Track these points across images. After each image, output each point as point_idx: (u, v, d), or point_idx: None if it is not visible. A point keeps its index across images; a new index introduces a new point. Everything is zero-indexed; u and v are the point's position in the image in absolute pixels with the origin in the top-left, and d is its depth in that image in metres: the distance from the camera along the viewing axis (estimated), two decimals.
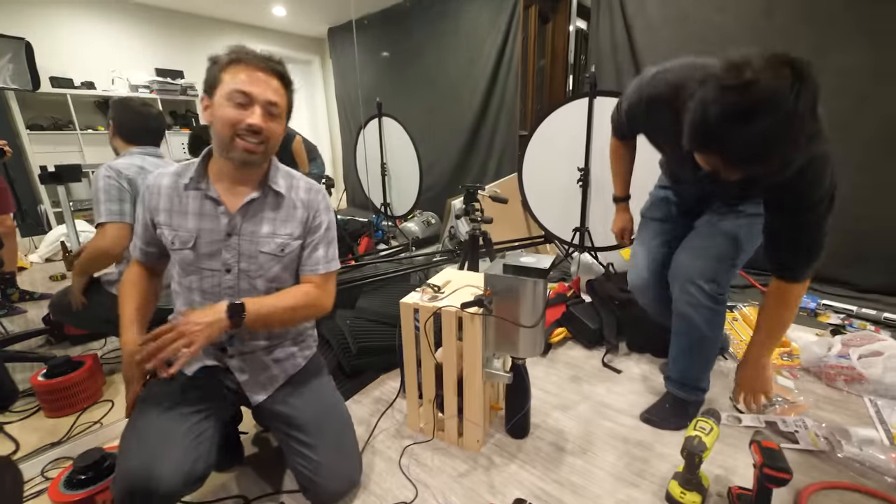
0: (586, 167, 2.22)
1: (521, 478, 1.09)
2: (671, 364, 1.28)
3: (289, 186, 0.99)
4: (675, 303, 1.20)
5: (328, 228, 1.04)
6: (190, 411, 0.90)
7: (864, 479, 1.04)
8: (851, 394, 1.38)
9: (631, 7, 2.57)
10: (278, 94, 0.90)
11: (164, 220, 0.94)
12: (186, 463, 0.83)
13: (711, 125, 0.74)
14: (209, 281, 0.95)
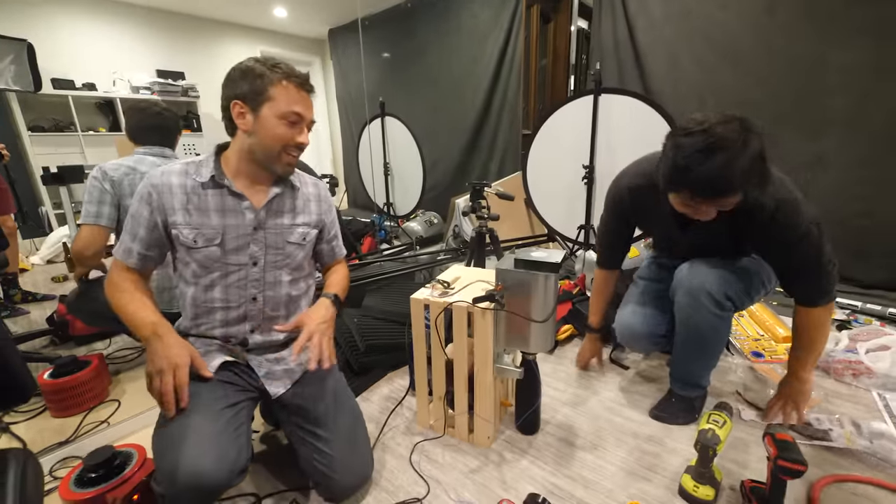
0: (591, 164, 2.22)
1: (532, 473, 1.09)
2: (674, 364, 1.29)
3: (299, 181, 1.07)
4: (681, 309, 1.18)
5: (337, 218, 1.18)
6: (222, 407, 0.90)
7: (876, 471, 1.04)
8: (860, 388, 1.38)
9: (633, 5, 2.58)
10: (313, 112, 0.99)
11: (181, 219, 0.92)
12: (231, 455, 0.84)
13: (680, 163, 0.91)
14: (235, 275, 0.97)
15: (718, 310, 1.12)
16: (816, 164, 2.09)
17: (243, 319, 1.01)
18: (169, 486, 0.80)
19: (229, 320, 1.00)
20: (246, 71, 0.90)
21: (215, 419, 0.87)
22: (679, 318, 1.20)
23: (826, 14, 2.01)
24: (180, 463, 0.79)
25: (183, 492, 0.79)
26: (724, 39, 2.30)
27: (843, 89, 2.02)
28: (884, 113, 1.95)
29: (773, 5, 2.14)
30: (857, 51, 1.97)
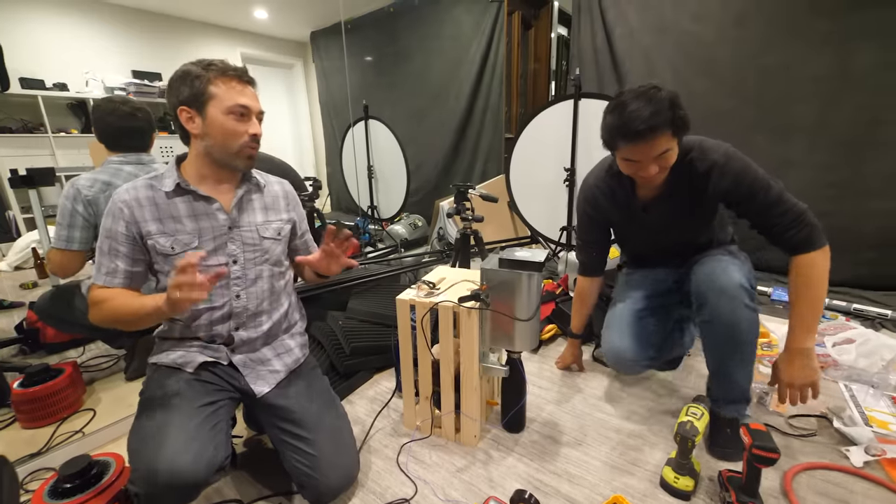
0: (572, 167, 2.27)
1: (518, 470, 1.10)
2: (716, 383, 1.15)
3: (264, 180, 1.09)
4: (716, 312, 1.08)
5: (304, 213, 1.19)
6: (199, 405, 0.90)
7: (849, 455, 1.09)
8: (828, 380, 1.44)
9: (611, 14, 2.66)
10: (259, 102, 0.98)
11: (155, 229, 0.93)
12: (208, 452, 0.83)
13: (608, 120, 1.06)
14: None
15: (753, 302, 1.07)
16: (785, 167, 2.18)
17: (228, 318, 1.00)
18: (145, 485, 0.78)
19: (214, 320, 0.99)
20: (183, 76, 0.91)
21: (192, 416, 0.87)
22: (714, 323, 1.09)
23: (791, 29, 2.11)
24: (156, 460, 0.78)
25: (160, 490, 0.78)
26: (697, 49, 2.39)
27: (809, 97, 2.12)
28: (844, 121, 2.06)
29: (743, 18, 2.23)
30: (821, 61, 2.07)
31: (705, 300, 1.10)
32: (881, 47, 1.93)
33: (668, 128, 0.99)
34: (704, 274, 1.13)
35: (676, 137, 1.03)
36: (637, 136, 1.00)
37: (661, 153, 1.03)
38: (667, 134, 1.00)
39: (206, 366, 0.98)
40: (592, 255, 1.42)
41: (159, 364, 0.98)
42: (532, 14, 3.64)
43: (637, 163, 1.06)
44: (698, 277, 1.14)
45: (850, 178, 2.09)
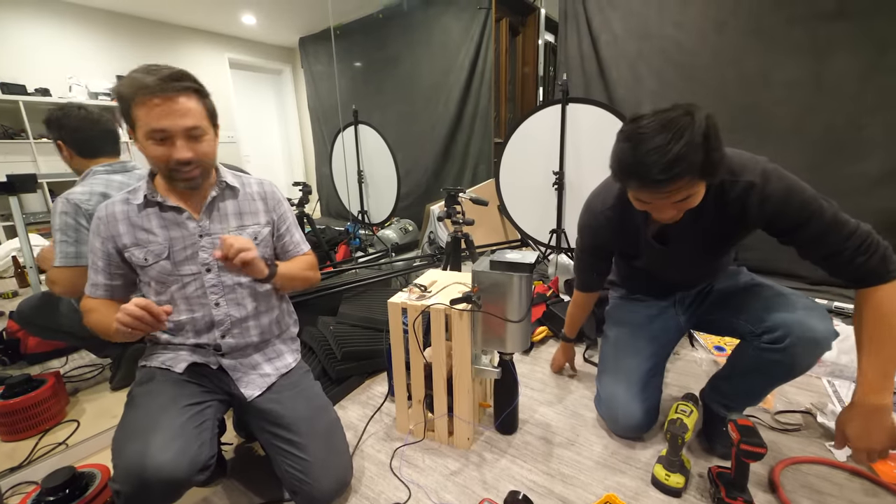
0: (561, 170, 2.30)
1: (512, 472, 1.11)
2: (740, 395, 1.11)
3: (240, 183, 1.05)
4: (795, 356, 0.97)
5: (290, 213, 1.14)
6: (186, 404, 0.90)
7: (832, 449, 1.12)
8: (811, 376, 1.48)
9: (596, 21, 2.71)
10: (193, 114, 0.87)
11: (129, 241, 0.94)
12: (192, 449, 0.82)
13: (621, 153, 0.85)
14: (192, 286, 0.97)
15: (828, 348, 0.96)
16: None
17: (212, 326, 0.99)
18: (126, 482, 0.77)
19: (199, 330, 0.99)
20: (118, 95, 0.86)
21: (177, 415, 0.87)
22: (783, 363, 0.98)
23: (770, 34, 2.18)
24: (138, 457, 0.78)
25: (141, 486, 0.77)
26: (679, 55, 2.45)
27: (786, 102, 2.19)
28: (823, 124, 2.13)
29: (722, 26, 2.30)
30: (797, 67, 2.14)
31: (789, 344, 0.96)
32: (852, 56, 2.00)
33: (695, 174, 0.81)
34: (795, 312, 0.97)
35: (703, 179, 0.84)
36: (654, 184, 0.82)
37: (683, 199, 0.86)
38: (693, 181, 0.82)
39: (196, 367, 0.98)
40: (592, 276, 1.33)
41: (148, 366, 0.98)
42: (519, 21, 3.70)
43: (650, 204, 0.91)
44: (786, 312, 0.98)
45: (827, 179, 2.16)
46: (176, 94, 0.84)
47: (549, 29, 3.62)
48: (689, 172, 0.80)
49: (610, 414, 1.22)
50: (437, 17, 3.61)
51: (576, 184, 2.31)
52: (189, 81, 0.87)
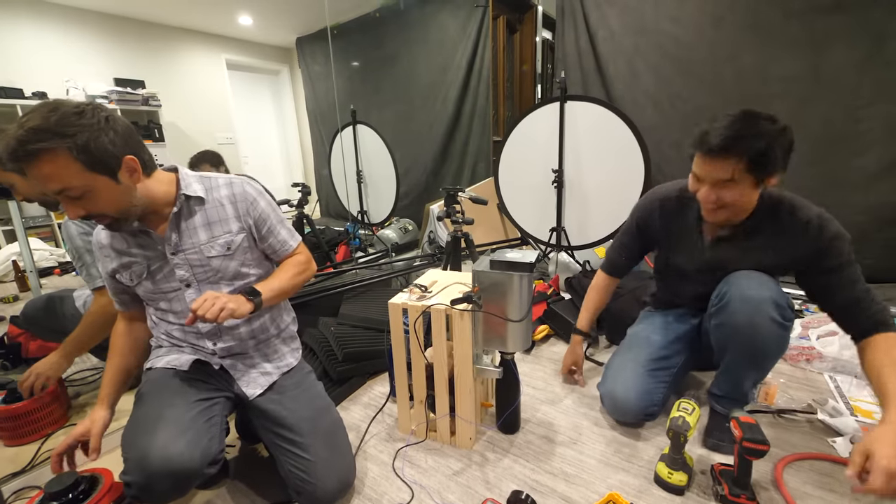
0: (560, 168, 2.30)
1: (514, 471, 1.11)
2: (721, 381, 1.15)
3: (207, 188, 0.98)
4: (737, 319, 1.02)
5: (273, 209, 1.05)
6: (195, 399, 0.92)
7: (835, 445, 1.12)
8: (813, 372, 1.48)
9: (593, 17, 2.70)
10: (58, 177, 0.75)
11: (116, 265, 0.97)
12: (202, 441, 0.85)
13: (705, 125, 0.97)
14: (177, 301, 0.99)
15: (784, 319, 0.99)
16: None
17: (201, 336, 1.01)
18: (138, 474, 0.79)
19: (190, 341, 1.02)
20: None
21: (187, 409, 0.89)
22: (734, 330, 1.03)
23: (767, 28, 2.18)
24: (150, 448, 0.79)
25: (153, 478, 0.78)
26: (677, 50, 2.44)
27: (783, 96, 2.18)
28: (820, 118, 2.12)
29: (719, 20, 2.29)
30: (794, 61, 2.14)
31: (725, 303, 1.04)
32: (849, 49, 2.00)
33: (743, 156, 0.90)
34: (733, 279, 1.05)
35: (752, 175, 0.93)
36: (708, 149, 0.93)
37: (725, 180, 0.94)
38: (740, 162, 0.91)
39: (200, 365, 0.99)
40: (622, 259, 1.36)
41: (154, 367, 1.00)
42: (517, 18, 3.69)
43: (700, 182, 1.01)
44: (729, 282, 1.06)
45: (829, 173, 2.16)
46: (32, 160, 0.73)
47: (546, 26, 3.61)
48: (743, 154, 0.91)
49: (611, 392, 1.23)
50: (434, 14, 3.60)
51: (575, 181, 2.31)
52: (43, 140, 0.72)
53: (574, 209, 2.34)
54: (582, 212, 2.33)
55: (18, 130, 0.72)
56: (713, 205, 1.01)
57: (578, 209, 2.33)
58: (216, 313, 0.82)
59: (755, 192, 1.00)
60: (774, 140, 0.90)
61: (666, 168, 2.49)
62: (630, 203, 1.43)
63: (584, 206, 2.31)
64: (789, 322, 1.01)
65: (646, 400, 1.18)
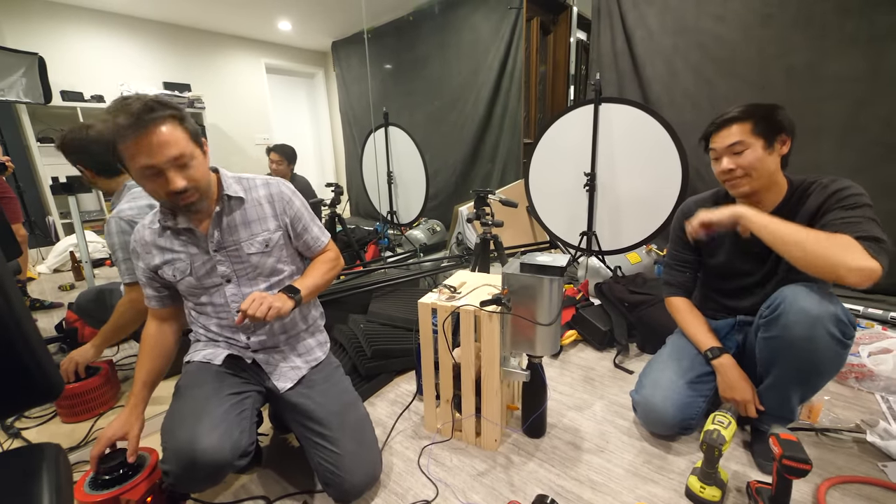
0: (592, 172, 2.26)
1: (539, 476, 1.10)
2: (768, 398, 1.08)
3: (245, 189, 1.04)
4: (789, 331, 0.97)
5: (305, 208, 1.12)
6: (228, 393, 0.97)
7: (885, 470, 1.05)
8: (862, 391, 1.39)
9: (630, 18, 2.64)
10: (176, 143, 0.85)
11: (159, 262, 1.01)
12: (234, 434, 0.89)
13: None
14: (216, 296, 1.04)
15: (845, 337, 0.93)
16: (815, 170, 2.11)
17: (237, 330, 1.06)
18: (175, 463, 0.85)
19: (226, 335, 1.07)
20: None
21: (220, 403, 0.94)
22: (788, 343, 0.97)
23: (819, 26, 2.06)
24: (185, 440, 0.85)
25: (188, 469, 0.84)
26: (720, 50, 2.35)
27: (836, 97, 2.06)
28: (877, 120, 1.99)
29: (769, 18, 2.19)
30: (849, 60, 2.01)
31: (779, 315, 0.98)
32: None
33: (746, 119, 1.04)
34: (788, 290, 0.99)
35: (761, 138, 1.04)
36: (715, 124, 1.10)
37: (735, 144, 1.06)
38: (745, 125, 1.05)
39: (233, 360, 1.05)
40: (686, 274, 1.31)
41: (192, 360, 1.06)
42: (551, 20, 3.65)
43: (717, 160, 1.11)
44: (780, 293, 1.01)
45: (881, 181, 2.01)
46: (153, 126, 0.82)
47: (581, 27, 3.55)
48: (747, 117, 1.05)
49: (647, 401, 1.18)
50: (466, 17, 3.61)
51: (608, 186, 2.26)
52: (163, 109, 0.84)
53: (606, 214, 2.29)
54: (614, 216, 2.27)
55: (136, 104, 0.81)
56: (732, 175, 1.09)
57: (610, 214, 2.28)
58: (265, 312, 0.91)
59: (770, 157, 1.06)
60: (774, 107, 1.05)
61: (706, 173, 2.39)
62: (666, 208, 1.39)
63: (616, 210, 2.26)
64: (850, 340, 0.94)
65: (685, 413, 1.14)
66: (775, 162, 1.08)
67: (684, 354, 1.24)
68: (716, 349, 1.18)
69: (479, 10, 3.51)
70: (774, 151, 1.06)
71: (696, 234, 1.08)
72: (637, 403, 1.24)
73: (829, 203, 1.01)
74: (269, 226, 1.04)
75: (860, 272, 0.86)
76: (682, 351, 1.25)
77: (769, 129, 1.04)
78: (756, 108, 1.06)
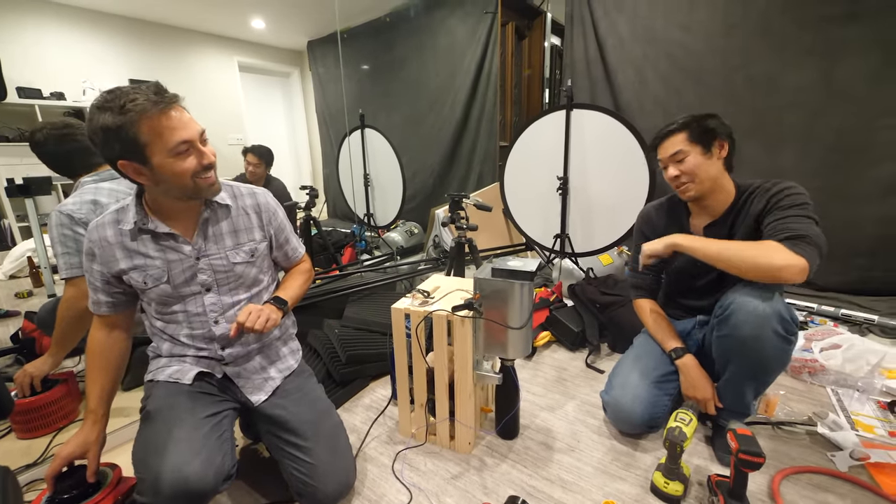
0: (565, 176, 2.31)
1: (512, 477, 1.12)
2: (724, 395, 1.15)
3: (232, 196, 1.03)
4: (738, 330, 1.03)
5: (287, 220, 1.15)
6: (204, 416, 0.93)
7: (834, 459, 1.12)
8: (815, 384, 1.47)
9: (602, 25, 2.71)
10: (194, 119, 0.88)
11: (126, 266, 0.94)
12: (216, 460, 0.86)
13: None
14: (192, 305, 0.99)
15: (788, 334, 1.00)
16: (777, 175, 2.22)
17: (211, 340, 1.02)
18: (154, 495, 0.80)
19: (196, 339, 1.01)
20: (106, 129, 0.79)
21: (198, 426, 0.89)
22: (738, 342, 1.04)
23: (779, 39, 2.16)
24: (165, 469, 0.80)
25: (170, 499, 0.79)
26: (687, 59, 2.44)
27: (795, 107, 2.17)
28: (830, 130, 2.11)
29: (731, 29, 2.29)
30: (806, 71, 2.12)
31: (729, 314, 1.04)
32: (863, 59, 1.98)
33: (683, 129, 1.15)
34: (738, 291, 1.05)
35: (698, 144, 1.14)
36: (657, 137, 1.22)
37: (676, 153, 1.16)
38: (680, 135, 1.15)
39: (203, 377, 1.00)
40: (650, 277, 1.37)
41: (156, 380, 1.00)
42: (525, 25, 3.70)
43: (665, 169, 1.20)
44: (730, 294, 1.07)
45: (840, 185, 2.13)
46: (175, 104, 0.84)
47: (555, 32, 3.62)
48: (682, 128, 1.16)
49: (616, 401, 1.22)
50: (443, 20, 3.63)
51: (580, 189, 2.31)
52: (172, 92, 0.86)
53: (578, 217, 2.35)
54: (586, 219, 2.33)
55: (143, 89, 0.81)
56: (678, 181, 1.18)
57: (583, 217, 2.34)
58: (263, 324, 0.92)
59: (709, 161, 1.15)
60: (707, 116, 1.15)
61: None
62: (635, 211, 1.44)
63: (588, 213, 2.32)
64: (793, 336, 1.02)
65: (651, 411, 1.19)
66: (717, 166, 1.16)
67: (650, 354, 1.29)
68: (679, 349, 1.23)
69: (455, 14, 3.53)
70: (713, 156, 1.15)
71: (648, 262, 1.20)
72: (607, 404, 1.28)
73: (770, 205, 1.09)
74: (256, 236, 1.05)
75: (789, 269, 0.95)
76: (649, 351, 1.30)
77: (704, 135, 1.14)
78: (691, 118, 1.16)
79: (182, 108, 0.87)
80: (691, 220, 1.28)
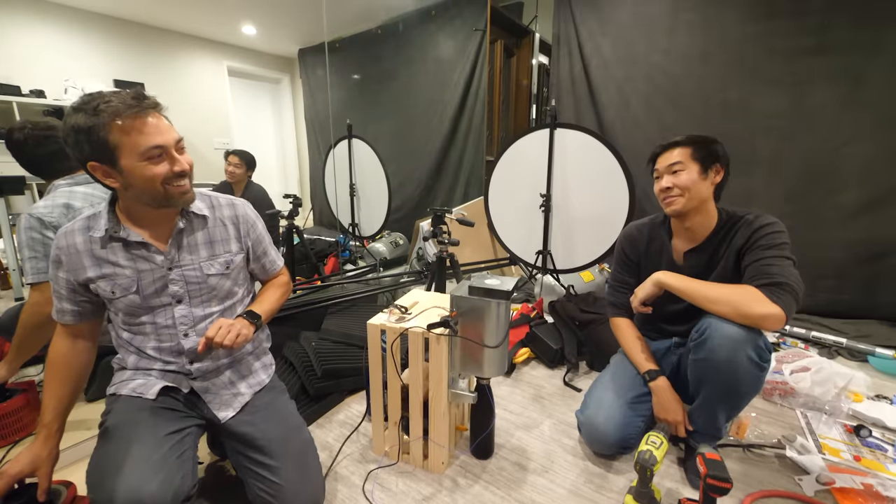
0: (548, 193, 2.34)
1: (484, 499, 1.10)
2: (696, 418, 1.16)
3: (209, 206, 1.02)
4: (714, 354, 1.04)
5: (266, 232, 1.13)
6: (165, 433, 0.89)
7: (801, 484, 1.13)
8: (785, 406, 1.50)
9: (588, 47, 2.78)
10: (172, 127, 0.88)
11: (94, 275, 0.91)
12: (175, 480, 0.82)
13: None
14: (162, 316, 0.96)
15: (761, 360, 1.02)
16: (749, 198, 2.30)
17: (180, 354, 0.99)
18: None
19: (163, 353, 0.98)
20: (77, 130, 0.79)
21: (158, 445, 0.86)
22: (713, 366, 1.05)
23: (751, 66, 2.25)
24: (120, 489, 0.77)
25: None
26: (666, 83, 2.51)
27: (766, 132, 2.25)
28: (799, 155, 2.19)
29: (707, 55, 2.37)
30: (775, 98, 2.21)
31: (706, 339, 1.06)
32: (829, 89, 2.08)
33: (688, 144, 1.18)
34: (713, 320, 1.06)
35: (697, 163, 1.16)
36: (661, 147, 1.24)
37: (675, 164, 1.18)
38: (686, 149, 1.18)
39: (168, 391, 0.97)
40: (628, 295, 1.33)
41: (118, 394, 0.96)
42: (514, 43, 3.78)
43: (659, 179, 1.23)
44: (707, 319, 1.08)
45: (809, 209, 2.21)
46: (152, 110, 0.84)
47: (542, 51, 3.70)
48: (688, 143, 1.18)
49: (590, 421, 1.23)
50: (433, 35, 3.68)
51: (562, 206, 2.34)
52: (155, 99, 0.86)
53: (560, 234, 2.38)
54: (568, 236, 2.36)
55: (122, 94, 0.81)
56: (669, 192, 1.19)
57: (564, 234, 2.36)
58: (233, 339, 0.90)
59: (703, 182, 1.17)
60: (713, 140, 1.19)
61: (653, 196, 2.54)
62: (616, 229, 1.47)
63: (570, 231, 2.35)
64: (766, 364, 1.04)
65: (624, 432, 1.19)
66: (708, 189, 1.19)
67: (626, 374, 1.30)
68: (653, 371, 1.24)
69: (444, 30, 3.58)
70: (708, 179, 1.18)
71: (641, 310, 1.22)
72: (581, 424, 1.28)
73: (752, 240, 1.12)
74: (232, 248, 1.03)
75: (769, 319, 0.99)
76: (624, 372, 1.31)
77: (706, 156, 1.17)
78: (698, 137, 1.20)
79: (161, 115, 0.87)
80: (673, 242, 1.29)
